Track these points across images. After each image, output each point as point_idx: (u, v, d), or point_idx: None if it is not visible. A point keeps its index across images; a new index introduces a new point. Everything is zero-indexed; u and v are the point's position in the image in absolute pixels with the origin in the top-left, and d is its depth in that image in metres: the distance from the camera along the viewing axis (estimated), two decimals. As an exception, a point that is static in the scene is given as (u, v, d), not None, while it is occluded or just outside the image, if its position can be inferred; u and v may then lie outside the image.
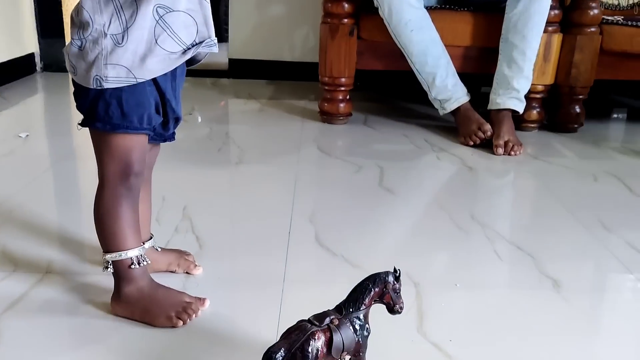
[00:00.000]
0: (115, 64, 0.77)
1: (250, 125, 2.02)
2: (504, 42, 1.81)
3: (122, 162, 0.81)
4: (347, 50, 1.92)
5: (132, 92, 0.79)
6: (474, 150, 1.78)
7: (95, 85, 0.77)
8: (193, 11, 0.81)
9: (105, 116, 0.79)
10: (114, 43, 0.76)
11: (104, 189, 0.83)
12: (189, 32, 0.81)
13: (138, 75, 0.78)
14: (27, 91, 2.43)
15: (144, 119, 0.80)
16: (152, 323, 0.84)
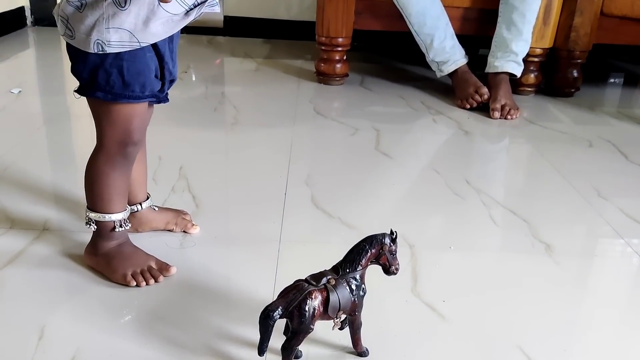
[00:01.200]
0: (118, 28, 0.74)
1: (246, 85, 2.00)
2: (504, 4, 1.79)
3: (122, 130, 0.80)
4: (344, 9, 1.89)
5: (133, 60, 0.76)
6: (470, 114, 1.78)
7: (96, 49, 0.74)
8: None
9: (106, 86, 0.77)
10: (116, 5, 0.73)
11: (100, 153, 0.82)
12: None
13: (142, 40, 0.76)
14: (18, 46, 2.39)
15: (146, 86, 0.79)
16: (109, 277, 0.85)
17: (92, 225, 0.86)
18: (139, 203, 0.96)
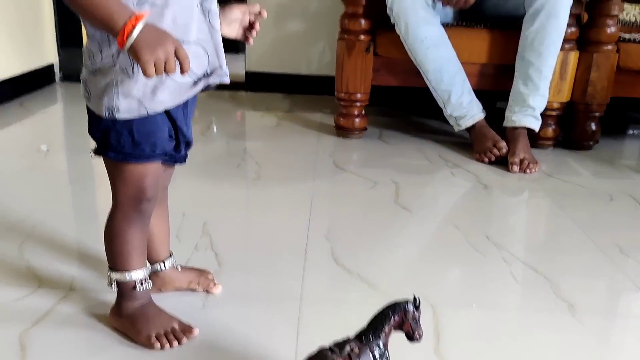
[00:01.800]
0: (127, 95, 0.77)
1: (267, 140, 2.04)
2: (520, 60, 1.82)
3: (135, 188, 0.83)
4: (363, 66, 1.94)
5: (143, 122, 0.80)
6: (489, 167, 1.79)
7: (107, 115, 0.78)
8: (204, 41, 0.82)
9: (117, 146, 0.80)
10: (124, 73, 0.77)
11: (116, 212, 0.85)
12: (200, 62, 0.82)
13: (149, 107, 0.79)
14: (46, 101, 2.48)
15: (156, 146, 0.82)
16: (134, 338, 0.86)
17: (114, 286, 0.88)
18: (161, 261, 0.97)
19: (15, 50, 2.40)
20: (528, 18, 1.77)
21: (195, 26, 0.81)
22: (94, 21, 0.73)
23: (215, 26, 0.83)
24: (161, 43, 0.71)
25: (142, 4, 0.76)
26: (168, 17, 0.77)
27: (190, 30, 0.80)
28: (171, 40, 0.72)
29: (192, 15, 0.80)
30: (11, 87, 2.35)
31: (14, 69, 2.38)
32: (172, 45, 0.72)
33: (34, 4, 2.54)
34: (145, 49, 0.70)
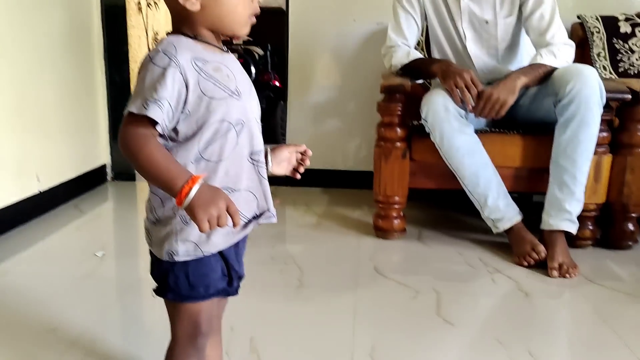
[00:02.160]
0: (185, 240, 0.87)
1: (308, 242, 2.10)
2: (554, 166, 1.87)
3: (191, 325, 0.91)
4: (400, 171, 2.02)
5: (197, 265, 0.88)
6: (529, 272, 1.81)
7: (167, 258, 0.87)
8: (253, 188, 0.91)
9: (175, 288, 0.89)
10: (183, 222, 0.86)
11: (174, 347, 0.93)
12: (250, 206, 0.91)
13: (205, 250, 0.88)
14: (99, 201, 2.61)
15: (210, 287, 0.90)
16: None
17: None
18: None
19: (72, 154, 2.57)
20: (560, 126, 1.84)
21: (246, 176, 0.90)
22: (155, 182, 0.83)
23: (263, 175, 0.93)
24: (214, 202, 0.79)
25: (198, 160, 0.86)
26: (221, 170, 0.87)
27: (241, 179, 0.90)
28: (223, 198, 0.80)
29: (242, 167, 0.90)
30: (67, 189, 2.50)
31: (71, 173, 2.54)
32: (224, 202, 0.80)
33: (90, 108, 2.73)
34: (200, 207, 0.78)
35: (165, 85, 0.80)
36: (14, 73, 2.10)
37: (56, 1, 2.40)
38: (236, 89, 0.87)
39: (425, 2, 2.10)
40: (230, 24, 0.88)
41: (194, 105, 0.83)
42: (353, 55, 2.74)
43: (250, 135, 0.89)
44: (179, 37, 0.86)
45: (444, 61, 2.02)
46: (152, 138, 0.81)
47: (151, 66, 0.81)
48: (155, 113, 0.79)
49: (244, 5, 0.87)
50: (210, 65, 0.85)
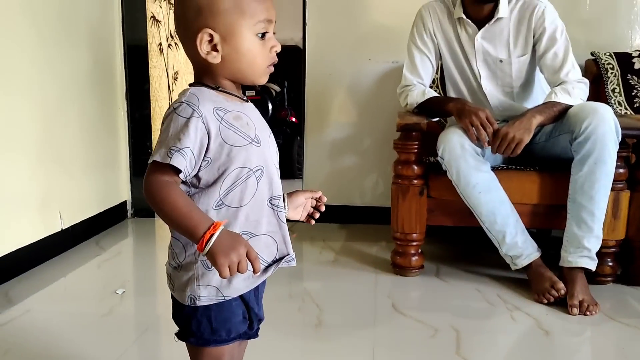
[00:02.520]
0: (207, 285, 0.89)
1: (326, 279, 2.11)
2: (572, 203, 1.87)
3: None
4: (417, 208, 2.03)
5: (220, 310, 0.91)
6: (548, 309, 1.80)
7: (189, 303, 0.90)
8: (273, 232, 0.94)
9: (197, 332, 0.91)
10: (205, 267, 0.89)
11: None
12: (270, 250, 0.94)
13: (226, 294, 0.90)
14: (120, 238, 2.65)
15: (232, 331, 0.92)
16: None
17: None
18: None
19: (94, 191, 2.62)
20: (576, 163, 1.84)
21: (266, 221, 0.93)
22: (177, 228, 0.86)
23: (282, 219, 0.95)
24: (234, 248, 0.82)
25: (219, 206, 0.88)
26: (242, 215, 0.90)
27: (261, 224, 0.92)
28: (243, 244, 0.83)
29: (262, 212, 0.92)
30: (88, 226, 2.55)
31: (92, 210, 2.59)
32: (245, 249, 0.83)
33: (111, 146, 2.79)
34: (221, 253, 0.81)
35: (188, 135, 0.83)
36: (38, 111, 2.17)
37: (81, 41, 2.48)
38: (256, 136, 0.90)
39: (439, 42, 2.14)
40: (249, 75, 0.92)
41: (215, 153, 0.86)
42: (369, 93, 2.79)
43: (270, 180, 0.92)
44: (201, 89, 0.90)
45: (459, 100, 2.05)
46: (174, 186, 0.84)
47: (175, 117, 0.85)
48: (179, 161, 0.83)
49: (262, 56, 0.91)
50: (230, 115, 0.88)
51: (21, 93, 2.07)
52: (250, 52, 0.90)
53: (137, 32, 2.97)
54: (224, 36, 0.88)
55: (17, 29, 2.04)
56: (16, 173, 2.05)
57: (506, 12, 2.01)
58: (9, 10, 2.00)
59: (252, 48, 0.89)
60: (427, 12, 2.13)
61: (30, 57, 2.12)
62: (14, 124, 2.02)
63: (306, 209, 1.07)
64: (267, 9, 0.90)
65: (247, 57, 0.90)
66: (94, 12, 2.60)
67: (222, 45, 0.88)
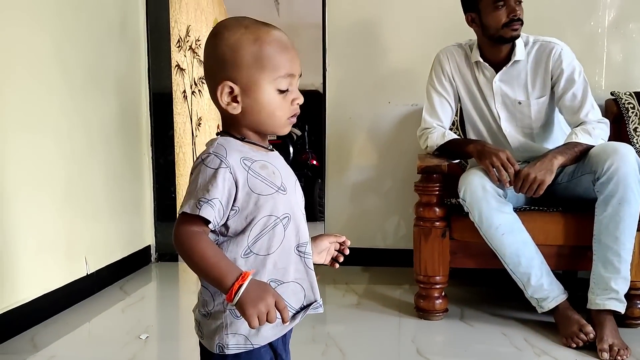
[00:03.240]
0: (235, 333, 0.89)
1: (349, 323, 2.09)
2: (597, 244, 1.85)
3: None
4: (440, 250, 2.02)
5: (248, 358, 0.90)
6: (577, 353, 1.76)
7: (218, 351, 0.90)
8: (301, 280, 0.94)
9: None
10: (234, 316, 0.89)
11: None
12: (298, 297, 0.94)
13: (254, 342, 0.90)
14: (143, 282, 2.67)
15: None
16: None
17: None
18: None
19: (119, 236, 2.65)
20: (600, 203, 1.83)
21: (293, 268, 0.94)
22: (206, 278, 0.87)
23: (309, 266, 0.96)
24: (263, 298, 0.82)
25: (248, 254, 0.90)
26: (270, 263, 0.91)
27: (288, 272, 0.93)
28: (272, 294, 0.84)
29: (289, 259, 0.93)
30: (113, 271, 2.57)
31: (117, 255, 2.62)
32: (273, 299, 0.83)
33: (136, 190, 2.84)
34: (250, 304, 0.82)
35: (216, 185, 0.86)
36: (66, 157, 2.23)
37: (109, 89, 2.56)
38: (282, 185, 0.92)
39: (458, 85, 2.17)
40: (269, 126, 0.94)
41: (243, 202, 0.88)
42: (389, 135, 2.81)
43: (297, 228, 0.93)
44: (228, 139, 0.92)
45: (479, 141, 2.06)
46: (203, 236, 0.86)
47: (203, 168, 0.88)
48: (208, 213, 0.85)
49: (282, 109, 0.93)
50: (257, 164, 0.90)
51: (50, 139, 2.13)
52: (270, 105, 0.92)
53: (163, 80, 3.07)
54: (244, 89, 0.90)
55: (49, 77, 2.13)
56: (44, 218, 2.09)
57: (523, 54, 2.03)
58: (42, 59, 2.08)
59: (272, 101, 0.92)
60: (445, 56, 2.17)
61: (60, 104, 2.19)
62: (43, 170, 2.08)
63: (330, 253, 1.08)
64: (290, 64, 0.92)
65: (266, 109, 0.92)
66: (122, 61, 2.69)
67: (242, 97, 0.91)
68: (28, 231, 1.99)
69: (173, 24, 3.46)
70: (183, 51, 3.75)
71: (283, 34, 0.94)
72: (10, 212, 1.91)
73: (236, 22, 0.93)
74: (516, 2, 1.95)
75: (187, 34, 3.80)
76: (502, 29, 1.96)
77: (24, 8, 1.99)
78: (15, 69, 1.93)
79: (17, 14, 1.95)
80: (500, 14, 1.94)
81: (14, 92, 1.93)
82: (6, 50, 1.89)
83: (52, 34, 2.14)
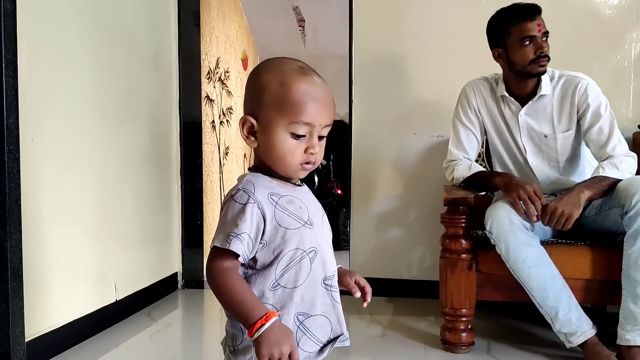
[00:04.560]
0: None
1: (374, 355, 2.09)
2: (626, 278, 1.83)
3: None
4: (466, 283, 2.01)
5: None
6: (608, 390, 1.73)
7: None
8: (328, 313, 0.96)
9: None
10: None
11: None
12: (325, 330, 0.96)
13: None
14: (170, 310, 2.70)
15: None
16: None
17: None
18: None
19: (147, 263, 2.70)
20: (629, 237, 1.81)
21: (320, 301, 0.96)
22: (233, 313, 0.90)
23: (336, 299, 0.98)
24: (279, 344, 0.85)
25: (275, 287, 0.92)
26: (297, 296, 0.93)
27: (315, 305, 0.95)
28: (289, 344, 0.86)
29: (316, 292, 0.95)
30: (141, 297, 2.61)
31: (145, 281, 2.66)
32: (289, 348, 0.85)
33: (165, 218, 2.90)
34: (265, 345, 0.84)
35: (245, 220, 0.89)
36: (98, 187, 2.29)
37: (141, 119, 2.64)
38: (309, 219, 0.95)
39: (484, 118, 2.18)
40: (280, 168, 0.97)
41: (270, 236, 0.91)
42: (414, 166, 2.83)
43: (323, 261, 0.96)
44: (257, 175, 0.96)
45: (506, 174, 2.06)
46: (233, 271, 0.90)
47: (232, 203, 0.91)
48: (237, 247, 0.88)
49: (292, 155, 0.95)
50: (284, 199, 0.94)
51: (84, 171, 2.20)
52: (281, 148, 0.94)
53: (193, 110, 3.14)
54: (262, 126, 0.95)
55: (86, 110, 2.20)
56: (75, 246, 2.15)
57: (549, 89, 2.05)
58: (79, 92, 2.16)
59: (284, 145, 0.94)
60: (471, 90, 2.19)
61: (96, 136, 2.26)
62: (76, 200, 2.14)
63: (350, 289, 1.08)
64: (313, 114, 0.94)
65: (277, 152, 0.95)
66: (154, 92, 2.77)
67: (260, 134, 0.95)
68: (60, 257, 2.04)
69: (204, 56, 3.56)
70: (212, 82, 3.84)
71: (320, 85, 0.96)
72: (44, 239, 1.96)
73: (278, 63, 0.97)
74: (543, 38, 1.98)
75: (216, 65, 3.90)
76: (529, 65, 1.98)
77: (64, 46, 2.07)
78: (52, 103, 2.00)
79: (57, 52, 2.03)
80: (527, 50, 1.97)
81: (52, 123, 2.00)
82: (47, 86, 1.96)
83: (89, 69, 2.22)
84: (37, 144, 1.90)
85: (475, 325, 2.11)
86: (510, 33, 1.99)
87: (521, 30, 1.97)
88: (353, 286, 1.06)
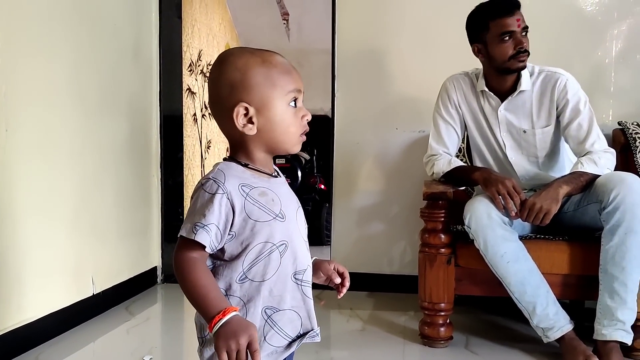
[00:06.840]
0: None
1: (353, 349, 2.08)
2: (604, 273, 1.84)
3: None
4: (445, 277, 2.01)
5: None
6: (583, 384, 1.74)
7: None
8: (297, 307, 0.95)
9: None
10: None
11: None
12: (294, 325, 0.95)
13: None
14: (149, 303, 2.67)
15: None
16: None
17: None
18: None
19: (126, 257, 2.67)
20: (606, 233, 1.82)
21: (290, 296, 0.95)
22: (195, 305, 0.89)
23: (307, 294, 0.97)
24: (236, 336, 0.83)
25: (242, 280, 0.91)
26: (265, 290, 0.92)
27: (284, 299, 0.94)
28: (247, 335, 0.84)
29: (286, 287, 0.94)
30: (119, 292, 2.58)
31: (123, 275, 2.63)
32: (247, 340, 0.84)
33: (144, 212, 2.87)
34: (222, 338, 0.84)
35: (212, 211, 0.88)
36: (77, 179, 2.26)
37: (121, 112, 2.61)
38: (281, 212, 0.93)
39: (464, 113, 2.18)
40: (283, 144, 0.97)
41: (239, 228, 0.90)
42: (396, 161, 2.83)
43: (294, 255, 0.95)
44: (230, 164, 0.95)
45: (485, 169, 2.07)
46: (199, 263, 0.88)
47: (202, 193, 0.90)
48: (203, 237, 0.87)
49: (295, 125, 0.96)
50: (256, 191, 0.92)
51: (63, 163, 2.17)
52: (284, 122, 0.95)
53: (173, 103, 3.11)
54: (258, 108, 0.93)
55: (65, 101, 2.17)
56: (53, 239, 2.11)
57: (528, 85, 2.05)
58: (58, 83, 2.13)
59: (286, 117, 0.95)
60: (451, 85, 2.19)
61: (74, 128, 2.23)
62: (53, 191, 2.11)
63: (328, 281, 1.07)
64: (295, 80, 0.96)
65: (281, 126, 0.95)
66: (134, 84, 2.74)
67: (257, 117, 0.93)
68: (36, 250, 2.01)
69: (185, 48, 3.53)
70: (194, 75, 3.81)
71: (284, 58, 0.99)
72: (20, 231, 1.93)
73: (239, 49, 0.98)
74: (522, 34, 1.98)
75: (198, 58, 3.87)
76: (508, 60, 1.98)
77: (42, 34, 2.04)
78: (29, 92, 1.97)
79: (34, 40, 2.00)
80: (506, 46, 1.97)
81: (29, 113, 1.96)
82: (23, 75, 1.93)
83: (68, 59, 2.18)
84: (12, 134, 1.87)
85: (454, 320, 2.11)
86: (490, 29, 1.99)
87: (500, 26, 1.97)
88: (332, 272, 1.05)
